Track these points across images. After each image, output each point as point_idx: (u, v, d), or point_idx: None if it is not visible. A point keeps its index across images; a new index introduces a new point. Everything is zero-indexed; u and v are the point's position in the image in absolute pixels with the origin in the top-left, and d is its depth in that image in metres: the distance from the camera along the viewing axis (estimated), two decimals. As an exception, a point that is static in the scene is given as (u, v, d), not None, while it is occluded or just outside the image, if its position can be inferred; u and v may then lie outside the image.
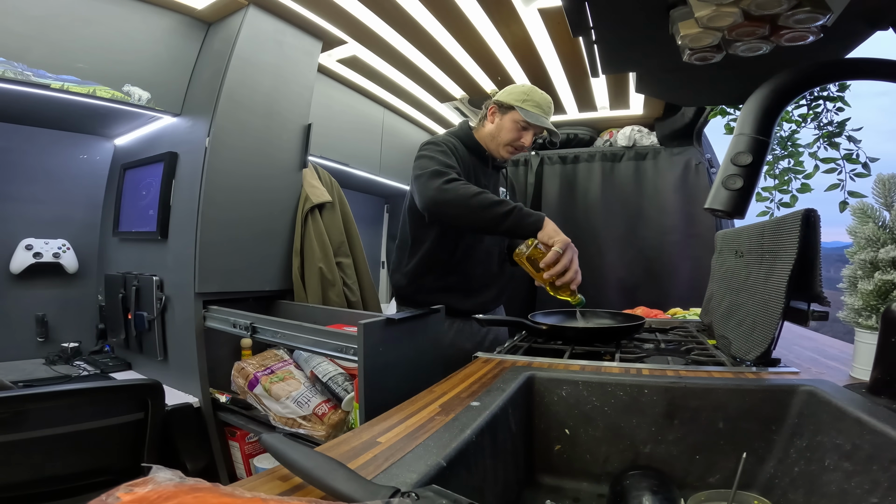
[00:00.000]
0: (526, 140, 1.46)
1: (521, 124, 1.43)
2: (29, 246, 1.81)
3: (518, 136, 1.45)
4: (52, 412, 0.95)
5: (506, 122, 1.45)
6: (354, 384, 1.26)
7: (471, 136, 1.49)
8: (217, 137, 1.55)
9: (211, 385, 1.53)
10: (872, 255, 0.72)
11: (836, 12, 0.64)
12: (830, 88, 1.22)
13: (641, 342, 1.13)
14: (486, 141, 1.49)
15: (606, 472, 0.70)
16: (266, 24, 1.68)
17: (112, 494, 0.30)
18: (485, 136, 1.49)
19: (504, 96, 1.46)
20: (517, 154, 1.53)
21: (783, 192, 1.38)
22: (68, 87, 1.43)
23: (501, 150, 1.48)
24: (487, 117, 1.49)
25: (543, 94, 1.46)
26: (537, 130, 1.47)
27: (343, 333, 1.13)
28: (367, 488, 0.34)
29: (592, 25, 0.85)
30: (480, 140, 1.50)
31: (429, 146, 1.39)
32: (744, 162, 0.47)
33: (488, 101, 1.51)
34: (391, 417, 0.58)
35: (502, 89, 1.50)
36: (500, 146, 1.47)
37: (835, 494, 0.53)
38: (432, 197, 1.23)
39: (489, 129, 1.48)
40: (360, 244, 1.98)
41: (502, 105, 1.46)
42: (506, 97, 1.45)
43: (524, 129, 1.45)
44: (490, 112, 1.48)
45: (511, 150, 1.48)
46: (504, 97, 1.46)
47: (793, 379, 0.71)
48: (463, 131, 1.51)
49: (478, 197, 1.19)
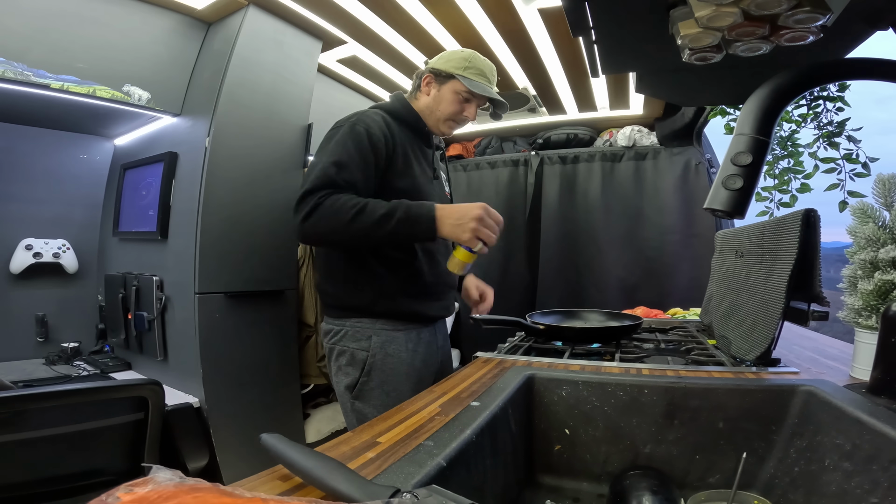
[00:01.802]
0: (469, 112, 1.28)
1: (464, 95, 1.25)
2: (29, 246, 1.81)
3: (460, 108, 1.26)
4: (52, 412, 0.95)
5: (445, 94, 1.26)
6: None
7: (408, 107, 1.28)
8: (217, 137, 1.55)
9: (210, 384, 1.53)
10: (872, 255, 0.72)
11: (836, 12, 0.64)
12: (830, 88, 1.22)
13: (641, 342, 1.13)
14: (425, 115, 1.29)
15: (606, 472, 0.70)
16: (266, 24, 1.68)
17: (112, 494, 0.30)
18: (422, 109, 1.29)
19: (441, 64, 1.26)
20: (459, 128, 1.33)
21: (783, 192, 1.38)
22: (68, 87, 1.43)
23: (441, 125, 1.29)
24: (422, 88, 1.28)
25: (486, 60, 1.28)
26: (481, 101, 1.28)
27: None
28: (367, 488, 0.34)
29: (592, 25, 0.85)
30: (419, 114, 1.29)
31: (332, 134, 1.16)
32: (744, 162, 0.47)
33: (421, 71, 1.30)
34: (391, 417, 0.58)
35: (436, 57, 1.31)
36: (439, 120, 1.28)
37: (835, 494, 0.53)
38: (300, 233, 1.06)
39: (425, 101, 1.28)
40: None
41: (440, 74, 1.25)
42: (443, 65, 1.25)
43: (466, 101, 1.26)
44: (425, 82, 1.28)
45: (452, 124, 1.29)
46: (441, 65, 1.25)
47: (793, 379, 0.71)
48: (399, 102, 1.28)
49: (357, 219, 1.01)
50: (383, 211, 1.02)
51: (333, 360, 1.17)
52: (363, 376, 1.12)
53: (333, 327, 1.17)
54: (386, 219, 1.02)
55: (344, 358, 1.14)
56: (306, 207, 1.03)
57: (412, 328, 1.19)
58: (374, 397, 1.11)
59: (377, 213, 1.02)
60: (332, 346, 1.17)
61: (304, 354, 1.89)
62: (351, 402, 1.14)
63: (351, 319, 1.15)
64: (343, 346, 1.14)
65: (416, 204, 1.06)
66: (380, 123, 1.16)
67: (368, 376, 1.12)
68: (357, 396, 1.13)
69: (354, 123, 1.13)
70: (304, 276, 1.91)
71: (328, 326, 1.19)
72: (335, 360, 1.16)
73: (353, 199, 1.04)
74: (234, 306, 1.59)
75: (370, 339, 1.13)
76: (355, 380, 1.12)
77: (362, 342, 1.13)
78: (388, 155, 1.15)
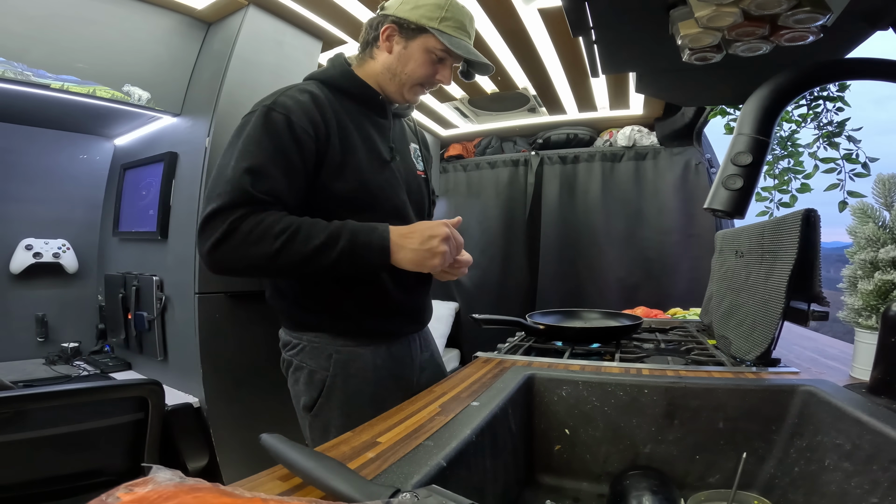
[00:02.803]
0: (443, 76, 1.01)
1: (438, 54, 0.98)
2: (29, 246, 1.81)
3: (433, 70, 1.00)
4: (52, 412, 0.95)
5: (414, 52, 0.97)
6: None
7: (350, 75, 1.00)
8: (217, 137, 1.55)
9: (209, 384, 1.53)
10: (872, 255, 0.72)
11: (836, 12, 0.64)
12: (830, 88, 1.22)
13: (641, 342, 1.13)
14: (381, 79, 1.01)
15: (606, 472, 0.70)
16: (266, 24, 1.68)
17: (112, 494, 0.30)
18: (377, 73, 1.00)
19: (407, 12, 0.96)
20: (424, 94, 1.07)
21: (783, 192, 1.38)
22: (68, 87, 1.43)
23: (406, 92, 1.01)
24: (379, 43, 0.99)
25: (463, 7, 1.00)
26: (457, 60, 1.02)
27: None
28: (367, 488, 0.34)
29: (592, 25, 0.85)
30: (368, 79, 1.01)
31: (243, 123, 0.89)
32: (744, 162, 0.47)
33: (379, 17, 0.99)
34: (391, 417, 0.58)
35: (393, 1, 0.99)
36: (403, 85, 1.00)
37: (835, 494, 0.53)
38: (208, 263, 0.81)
39: (385, 60, 0.99)
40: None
41: (406, 25, 0.96)
42: (410, 13, 0.95)
43: (441, 61, 1.00)
44: (385, 36, 0.98)
45: (419, 89, 1.03)
46: (407, 13, 0.95)
47: (793, 379, 0.71)
48: (337, 70, 1.00)
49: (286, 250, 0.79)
50: (321, 239, 0.80)
51: (291, 372, 1.00)
52: (321, 398, 0.95)
53: (291, 339, 0.99)
54: (324, 249, 0.80)
55: (301, 375, 0.97)
56: (216, 233, 0.78)
57: (380, 344, 0.99)
58: (335, 418, 0.94)
59: (312, 243, 0.80)
60: (290, 360, 0.99)
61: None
62: (310, 419, 0.97)
63: (308, 334, 0.96)
64: (300, 362, 0.97)
65: (364, 228, 0.83)
66: (305, 104, 0.89)
67: (328, 398, 0.94)
68: (316, 416, 0.96)
69: (270, 108, 0.86)
70: (304, 276, 1.91)
71: (286, 337, 1.00)
72: (292, 374, 1.00)
73: (281, 221, 0.80)
74: (234, 306, 1.59)
75: (330, 357, 0.95)
76: (313, 400, 0.95)
77: (321, 360, 0.95)
78: (320, 148, 0.89)
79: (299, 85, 0.95)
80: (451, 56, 1.00)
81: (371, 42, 1.01)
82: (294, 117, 0.86)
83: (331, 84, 0.98)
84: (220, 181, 0.82)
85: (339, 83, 0.99)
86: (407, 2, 0.97)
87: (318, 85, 0.96)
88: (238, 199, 0.79)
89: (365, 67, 1.02)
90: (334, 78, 0.99)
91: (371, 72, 1.02)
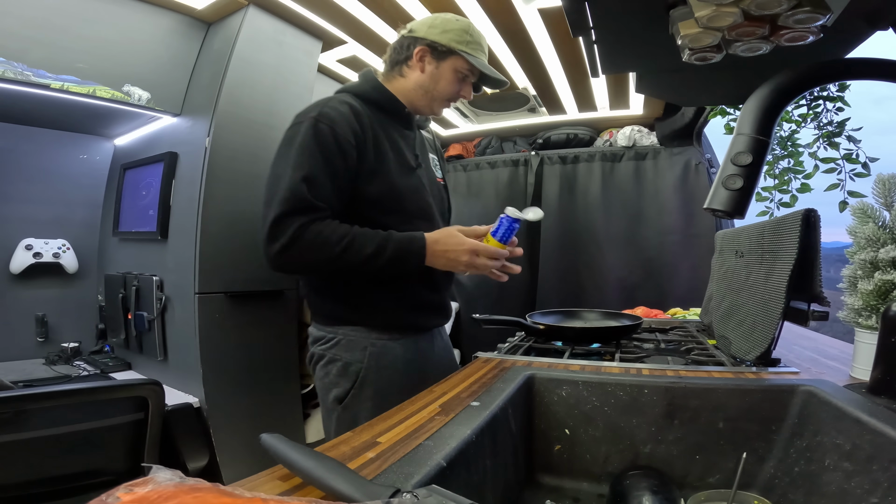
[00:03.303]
0: (467, 92, 1.15)
1: (464, 73, 1.11)
2: (29, 246, 1.82)
3: (459, 87, 1.13)
4: (52, 412, 0.95)
5: (445, 71, 1.10)
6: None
7: (382, 89, 1.11)
8: (217, 137, 1.55)
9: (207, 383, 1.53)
10: (872, 255, 0.72)
11: (835, 12, 0.64)
12: (830, 88, 1.22)
13: (641, 342, 1.13)
14: (412, 95, 1.12)
15: (606, 472, 0.70)
16: (266, 24, 1.68)
17: (112, 494, 0.30)
18: (409, 89, 1.12)
19: (438, 36, 1.08)
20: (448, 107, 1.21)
21: (783, 192, 1.38)
22: (68, 87, 1.43)
23: (436, 106, 1.15)
24: (413, 63, 1.10)
25: (478, 30, 1.14)
26: (474, 79, 1.16)
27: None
28: (367, 488, 0.34)
29: (592, 25, 0.85)
30: (397, 93, 1.12)
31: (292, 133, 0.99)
32: (744, 162, 0.47)
33: (409, 39, 1.11)
34: (391, 417, 0.58)
35: (418, 23, 1.12)
36: (434, 101, 1.13)
37: (835, 494, 0.53)
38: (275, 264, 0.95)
39: (417, 79, 1.10)
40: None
41: (438, 48, 1.08)
42: (440, 37, 1.08)
43: (464, 79, 1.13)
44: (418, 56, 1.09)
45: (447, 104, 1.16)
46: (438, 37, 1.08)
47: (793, 379, 0.71)
48: (370, 84, 1.11)
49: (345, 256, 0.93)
50: (372, 249, 0.94)
51: (321, 366, 1.07)
52: (354, 388, 1.03)
53: (325, 334, 1.07)
54: (374, 258, 0.94)
55: (335, 367, 1.05)
56: (284, 237, 0.91)
57: (409, 337, 1.10)
58: (365, 409, 1.03)
59: (365, 252, 0.94)
60: (322, 353, 1.07)
61: (303, 354, 1.89)
62: (339, 411, 1.05)
63: (344, 328, 1.05)
64: (335, 355, 1.05)
65: (405, 239, 0.98)
66: (346, 116, 0.99)
67: (360, 388, 1.03)
68: (346, 407, 1.04)
69: (317, 120, 0.97)
70: (304, 276, 1.91)
71: (319, 333, 1.09)
72: (323, 367, 1.07)
73: (337, 230, 0.94)
74: (234, 306, 1.59)
75: (365, 350, 1.04)
76: (346, 391, 1.03)
77: (356, 353, 1.04)
78: (359, 155, 1.00)
79: (338, 97, 1.05)
80: (473, 74, 1.13)
81: (402, 61, 1.12)
82: (338, 128, 0.97)
83: (364, 97, 1.08)
84: (280, 188, 0.93)
85: (371, 96, 1.09)
86: (435, 27, 1.09)
87: (353, 97, 1.06)
88: (299, 206, 0.91)
89: (394, 83, 1.13)
90: (367, 92, 1.09)
91: (401, 88, 1.12)
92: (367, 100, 1.08)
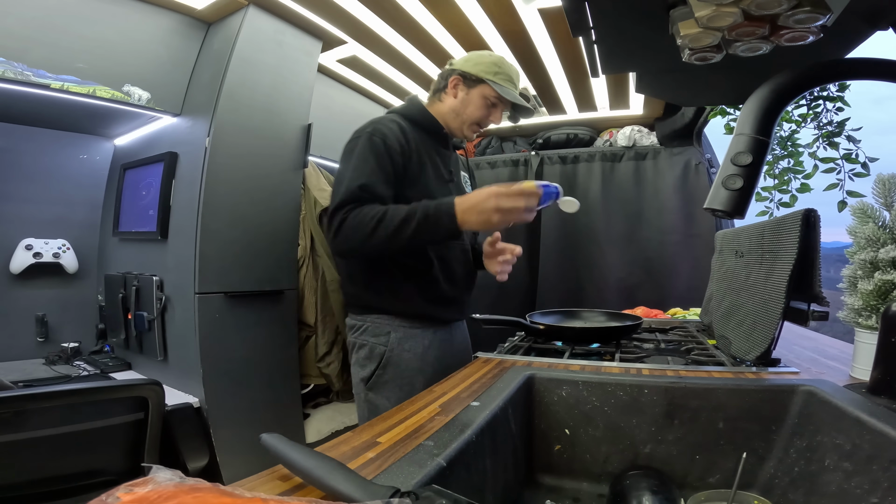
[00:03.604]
0: (495, 118, 1.31)
1: (492, 100, 1.27)
2: (29, 246, 1.81)
3: (487, 113, 1.28)
4: (52, 412, 0.95)
5: (473, 98, 1.27)
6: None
7: (424, 112, 1.28)
8: (217, 137, 1.55)
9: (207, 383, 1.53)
10: (872, 255, 0.72)
11: (836, 12, 0.64)
12: (830, 88, 1.22)
13: (641, 342, 1.13)
14: (447, 118, 1.29)
15: (606, 472, 0.70)
16: (266, 24, 1.68)
17: (112, 494, 0.30)
18: (444, 113, 1.29)
19: (470, 67, 1.26)
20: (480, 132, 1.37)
21: (783, 192, 1.38)
22: (68, 87, 1.43)
23: (465, 129, 1.30)
24: (448, 90, 1.29)
25: (512, 65, 1.30)
26: (506, 107, 1.32)
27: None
28: (367, 488, 0.34)
29: (592, 25, 0.85)
30: (437, 116, 1.29)
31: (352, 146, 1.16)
32: (744, 162, 0.47)
33: (448, 70, 1.30)
34: (391, 417, 0.58)
35: (461, 59, 1.31)
36: (464, 124, 1.29)
37: (835, 494, 0.53)
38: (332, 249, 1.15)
39: (451, 104, 1.28)
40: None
41: (469, 77, 1.26)
42: (472, 68, 1.26)
43: (493, 106, 1.28)
44: (452, 84, 1.28)
45: (476, 128, 1.31)
46: (471, 68, 1.26)
47: (793, 379, 0.71)
48: (415, 107, 1.29)
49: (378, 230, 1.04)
50: (402, 215, 1.04)
51: (354, 353, 1.23)
52: (379, 369, 1.17)
53: (356, 322, 1.23)
54: (406, 223, 1.03)
55: (363, 351, 1.20)
56: (335, 223, 1.08)
57: (428, 327, 1.22)
58: (387, 390, 1.16)
59: (396, 219, 1.04)
60: (354, 341, 1.22)
61: (303, 354, 1.89)
62: (365, 392, 1.19)
63: (371, 315, 1.20)
64: (363, 340, 1.20)
65: (433, 203, 1.06)
66: (395, 132, 1.18)
67: (384, 370, 1.17)
68: (371, 388, 1.18)
69: (372, 134, 1.15)
70: (304, 276, 1.91)
71: (352, 322, 1.24)
72: (356, 353, 1.22)
73: (373, 209, 1.07)
74: (234, 306, 1.59)
75: (389, 334, 1.18)
76: (371, 372, 1.17)
77: (381, 337, 1.18)
78: (404, 163, 1.17)
79: (388, 116, 1.25)
80: (501, 102, 1.29)
81: (441, 89, 1.31)
82: (388, 140, 1.15)
83: (410, 118, 1.26)
84: (340, 188, 1.10)
85: (416, 118, 1.27)
86: (470, 60, 1.28)
87: (401, 118, 1.25)
88: (350, 199, 1.08)
89: (434, 107, 1.31)
90: (413, 114, 1.27)
91: (439, 111, 1.30)
92: (412, 120, 1.26)
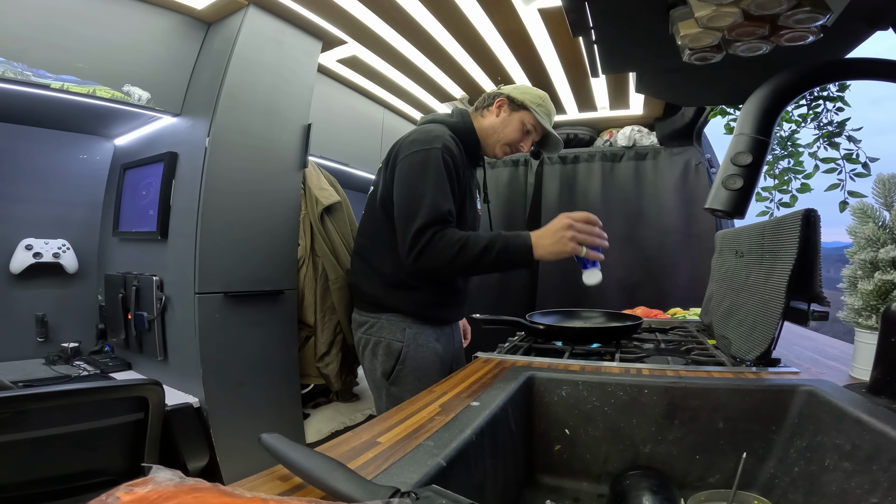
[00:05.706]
0: (526, 145, 1.41)
1: (528, 126, 1.38)
2: (29, 246, 1.81)
3: (521, 137, 1.39)
4: (52, 412, 0.95)
5: (514, 120, 1.37)
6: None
7: (471, 129, 1.38)
8: (217, 137, 1.55)
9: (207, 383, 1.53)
10: (872, 255, 0.72)
11: (836, 12, 0.64)
12: (830, 88, 1.22)
13: (641, 342, 1.13)
14: (484, 133, 1.39)
15: (606, 472, 0.70)
16: (266, 24, 1.68)
17: (112, 494, 0.30)
18: (483, 128, 1.39)
19: (518, 94, 1.38)
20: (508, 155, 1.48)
21: (783, 192, 1.38)
22: (68, 87, 1.43)
23: (498, 148, 1.40)
24: (492, 108, 1.39)
25: (552, 104, 1.42)
26: (536, 138, 1.43)
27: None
28: (367, 488, 0.34)
29: (592, 25, 0.85)
30: (478, 131, 1.40)
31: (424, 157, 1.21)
32: (744, 162, 0.47)
33: (496, 92, 1.41)
34: (391, 417, 0.58)
35: (511, 86, 1.43)
36: (498, 143, 1.39)
37: (835, 494, 0.53)
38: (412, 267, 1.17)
39: (491, 121, 1.38)
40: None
41: (514, 101, 1.37)
42: (520, 95, 1.38)
43: (527, 133, 1.39)
44: (497, 104, 1.38)
45: (507, 150, 1.41)
46: (518, 95, 1.38)
47: (793, 379, 0.71)
48: (465, 125, 1.37)
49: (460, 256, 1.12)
50: (484, 244, 1.13)
51: (368, 349, 1.29)
52: (399, 364, 1.25)
53: (369, 319, 1.30)
54: (486, 251, 1.13)
55: (380, 347, 1.27)
56: (421, 243, 1.14)
57: (436, 326, 1.33)
58: (408, 382, 1.25)
59: (478, 248, 1.13)
60: (368, 337, 1.29)
61: (303, 354, 1.89)
62: (387, 387, 1.27)
63: (386, 314, 1.28)
64: (379, 337, 1.28)
65: (512, 234, 1.17)
66: (455, 153, 1.27)
67: (403, 364, 1.25)
68: (393, 382, 1.26)
69: (443, 151, 1.22)
70: (304, 276, 1.90)
71: (362, 318, 1.31)
72: (370, 349, 1.29)
73: (455, 233, 1.15)
74: (234, 306, 1.59)
75: (404, 331, 1.27)
76: (391, 367, 1.26)
77: (397, 334, 1.27)
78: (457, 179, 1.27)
79: (445, 131, 1.29)
80: (535, 131, 1.40)
81: (485, 106, 1.41)
82: (454, 160, 1.25)
83: (459, 135, 1.34)
84: (421, 205, 1.16)
85: (462, 134, 1.35)
86: (518, 88, 1.41)
87: (452, 133, 1.31)
88: (437, 219, 1.15)
89: (475, 121, 1.40)
90: (461, 130, 1.35)
91: (478, 125, 1.40)
92: (461, 137, 1.34)
